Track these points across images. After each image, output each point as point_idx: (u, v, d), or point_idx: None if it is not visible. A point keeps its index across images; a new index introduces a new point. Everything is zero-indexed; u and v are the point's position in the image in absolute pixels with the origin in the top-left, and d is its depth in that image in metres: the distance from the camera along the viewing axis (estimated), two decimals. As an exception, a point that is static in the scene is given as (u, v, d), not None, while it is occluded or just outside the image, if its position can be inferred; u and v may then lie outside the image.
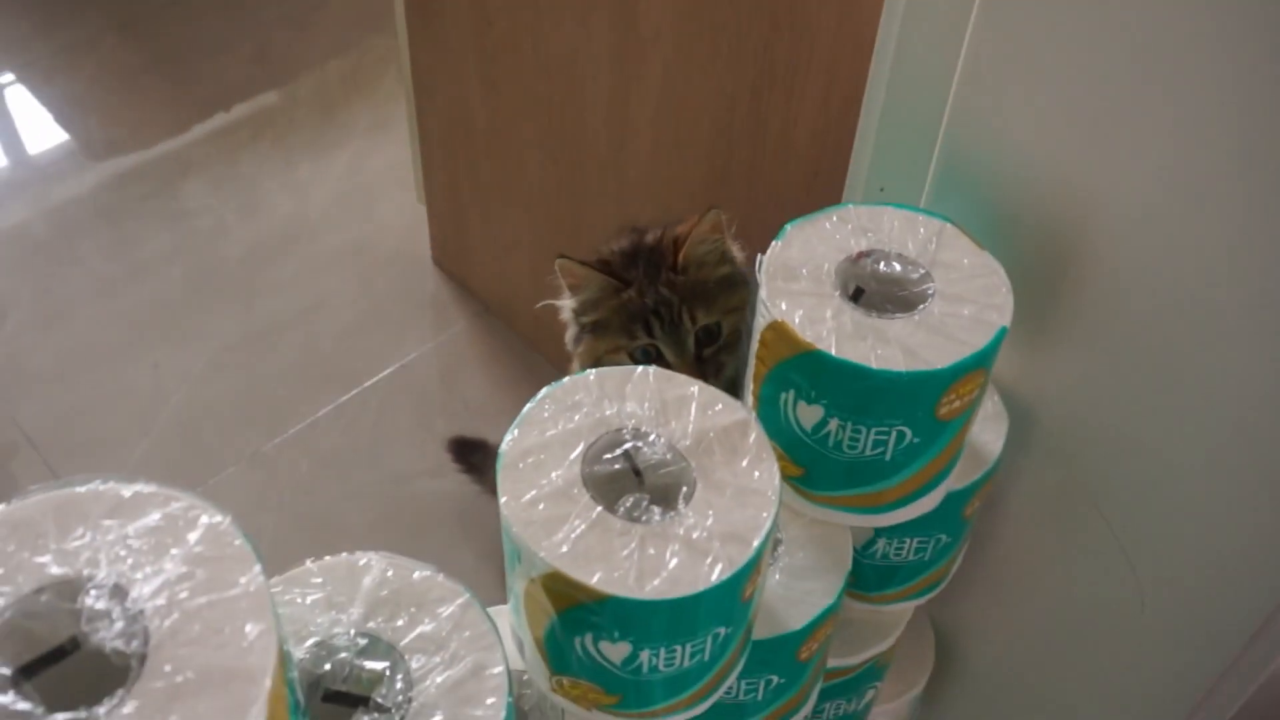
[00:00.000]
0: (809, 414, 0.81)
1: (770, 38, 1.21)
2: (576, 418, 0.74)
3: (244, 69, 2.31)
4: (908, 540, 0.92)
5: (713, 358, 1.00)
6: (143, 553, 0.49)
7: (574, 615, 0.68)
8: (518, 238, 1.78)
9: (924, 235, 0.85)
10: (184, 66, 2.31)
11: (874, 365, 0.76)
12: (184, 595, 0.48)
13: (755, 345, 0.84)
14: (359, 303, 1.95)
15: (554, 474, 0.71)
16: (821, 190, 1.25)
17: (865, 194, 1.00)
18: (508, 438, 0.73)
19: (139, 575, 0.49)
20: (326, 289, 1.96)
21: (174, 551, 0.49)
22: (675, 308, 0.98)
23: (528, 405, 0.75)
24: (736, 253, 1.02)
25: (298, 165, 2.15)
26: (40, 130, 2.22)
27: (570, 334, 1.06)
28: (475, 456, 1.58)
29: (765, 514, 0.70)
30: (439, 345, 1.90)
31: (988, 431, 0.92)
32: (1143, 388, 0.86)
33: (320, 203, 2.09)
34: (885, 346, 0.77)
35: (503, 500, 0.70)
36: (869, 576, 0.94)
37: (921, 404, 0.78)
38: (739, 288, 1.00)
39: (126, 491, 0.51)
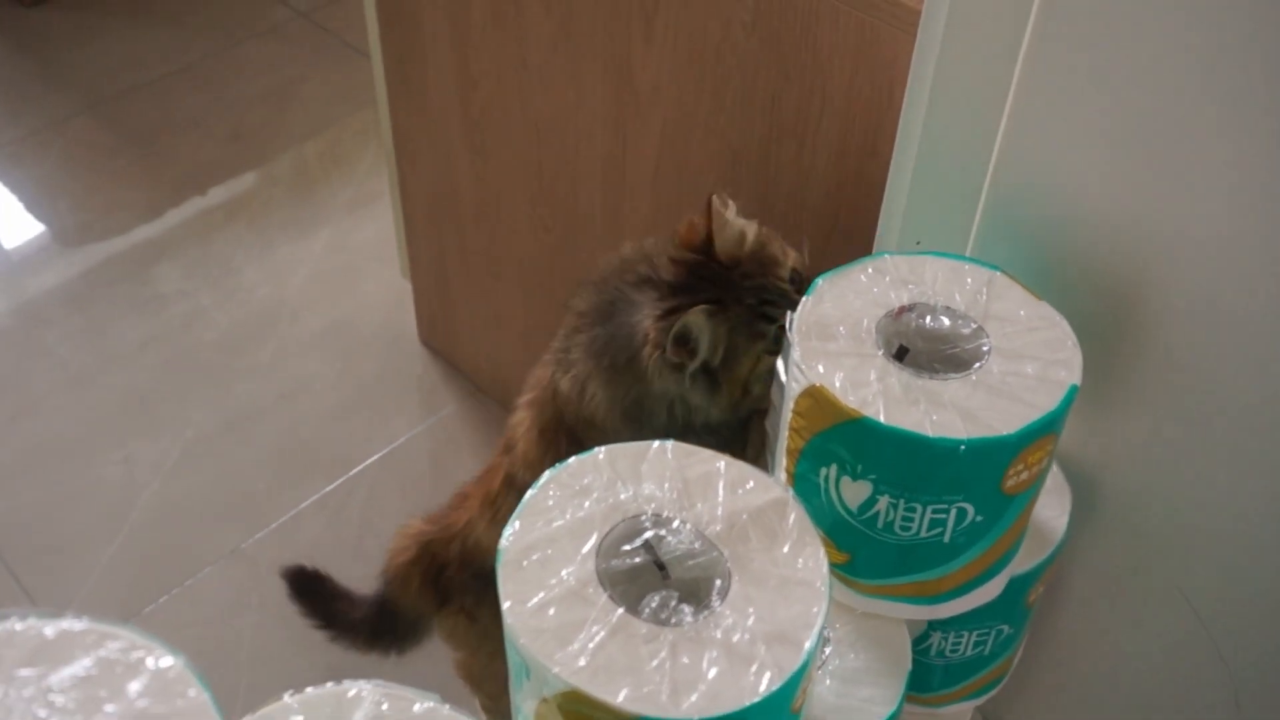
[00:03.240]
0: (854, 491, 0.71)
1: (779, 89, 1.13)
2: (586, 504, 0.64)
3: (219, 148, 2.23)
4: (966, 634, 0.82)
5: None
6: (69, 712, 0.38)
7: (596, 742, 0.57)
8: (510, 311, 1.68)
9: (972, 286, 0.75)
10: (156, 147, 2.23)
11: (930, 433, 0.66)
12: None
13: (788, 415, 0.74)
14: (342, 386, 1.85)
15: (564, 572, 0.61)
16: (839, 246, 1.16)
17: (899, 248, 0.91)
18: (507, 531, 0.63)
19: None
20: (307, 372, 1.86)
21: (110, 708, 0.38)
22: (768, 285, 0.94)
23: (529, 492, 0.65)
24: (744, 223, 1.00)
25: (276, 246, 2.05)
26: (6, 216, 2.13)
27: (705, 399, 0.96)
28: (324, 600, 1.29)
29: (815, 609, 0.59)
30: (428, 428, 1.79)
31: (1050, 506, 0.82)
32: (1223, 450, 0.76)
33: (299, 283, 1.99)
34: (941, 411, 0.67)
35: (505, 606, 0.60)
36: (923, 675, 0.83)
37: (986, 476, 0.68)
38: (771, 241, 0.99)
39: (49, 630, 0.39)
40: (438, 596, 1.18)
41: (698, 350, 0.91)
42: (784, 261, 0.97)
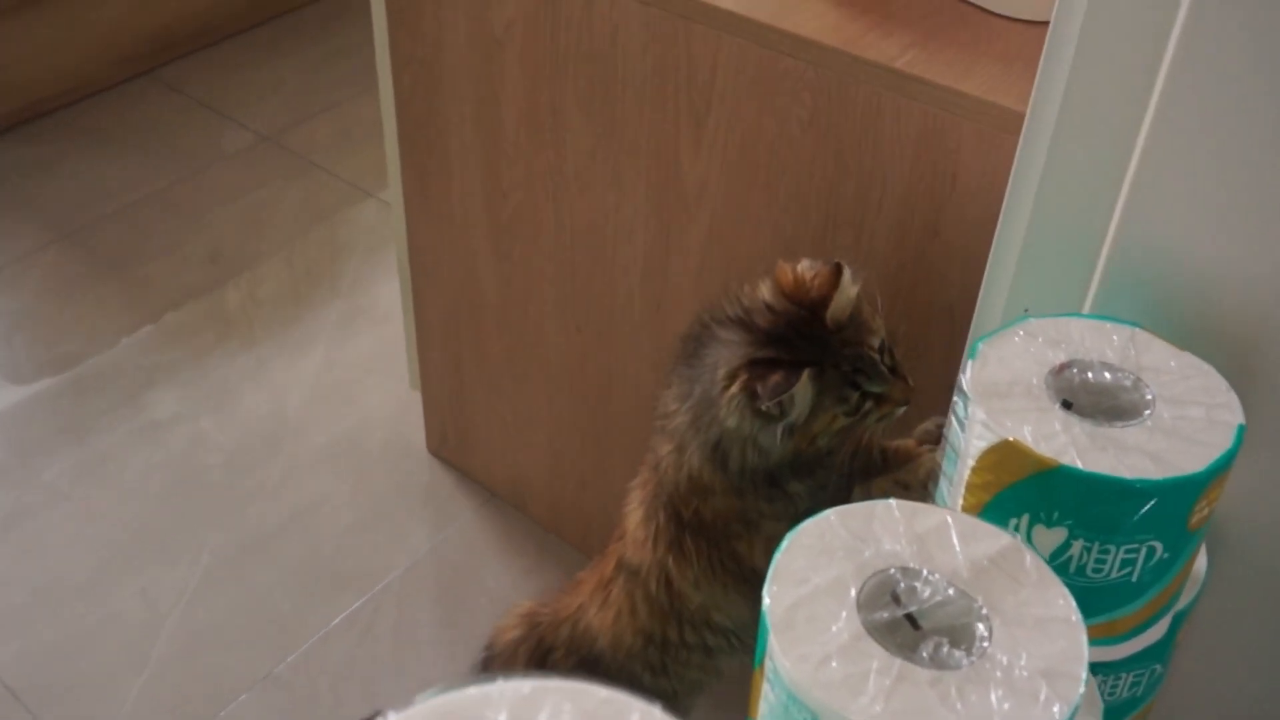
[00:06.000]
0: (1048, 539, 0.75)
1: (836, 180, 1.19)
2: (834, 563, 0.67)
3: (199, 270, 2.22)
4: (1124, 675, 0.85)
5: (899, 364, 1.03)
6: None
7: (903, 787, 0.59)
8: (533, 415, 1.70)
9: (1119, 342, 0.81)
10: (135, 273, 2.21)
11: (1128, 475, 0.71)
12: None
13: (965, 473, 0.78)
14: (356, 501, 1.83)
15: (834, 628, 0.63)
16: (895, 324, 1.21)
17: (1005, 317, 0.96)
18: (767, 593, 0.65)
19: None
20: (319, 489, 1.84)
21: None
22: (863, 354, 1.00)
23: (776, 555, 0.67)
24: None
25: (270, 364, 2.04)
26: (-18, 352, 2.08)
27: (775, 444, 0.99)
28: None
29: (1081, 641, 0.63)
30: (448, 537, 1.78)
31: (1191, 545, 0.87)
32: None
33: (299, 400, 1.98)
34: (1130, 456, 0.72)
35: (786, 665, 0.62)
36: (1089, 717, 0.86)
37: (1175, 514, 0.73)
38: (865, 305, 1.05)
39: (526, 688, 0.41)
40: None
41: (790, 410, 0.97)
42: (876, 329, 1.03)
